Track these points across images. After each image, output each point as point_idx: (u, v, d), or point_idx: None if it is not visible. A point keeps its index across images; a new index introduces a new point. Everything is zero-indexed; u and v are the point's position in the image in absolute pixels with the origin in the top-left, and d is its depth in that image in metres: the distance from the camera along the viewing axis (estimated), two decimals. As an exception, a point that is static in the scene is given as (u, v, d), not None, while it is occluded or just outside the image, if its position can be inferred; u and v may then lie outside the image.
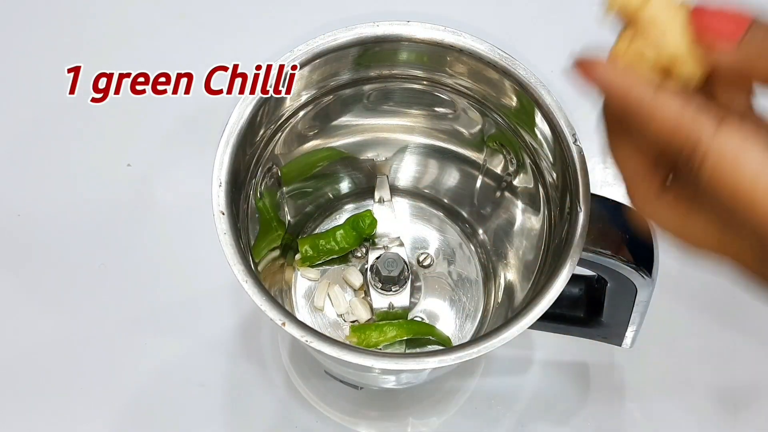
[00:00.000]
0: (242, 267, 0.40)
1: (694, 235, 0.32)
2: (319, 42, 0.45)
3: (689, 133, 0.28)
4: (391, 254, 0.54)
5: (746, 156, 0.28)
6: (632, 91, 0.30)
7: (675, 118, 0.29)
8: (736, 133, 0.28)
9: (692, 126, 0.28)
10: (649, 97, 0.29)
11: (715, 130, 0.28)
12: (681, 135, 0.29)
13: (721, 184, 0.28)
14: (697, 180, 0.29)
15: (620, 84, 0.30)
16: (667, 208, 0.32)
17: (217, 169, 0.42)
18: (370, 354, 0.39)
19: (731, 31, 0.29)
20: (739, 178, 0.27)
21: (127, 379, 0.57)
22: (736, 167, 0.27)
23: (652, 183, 0.33)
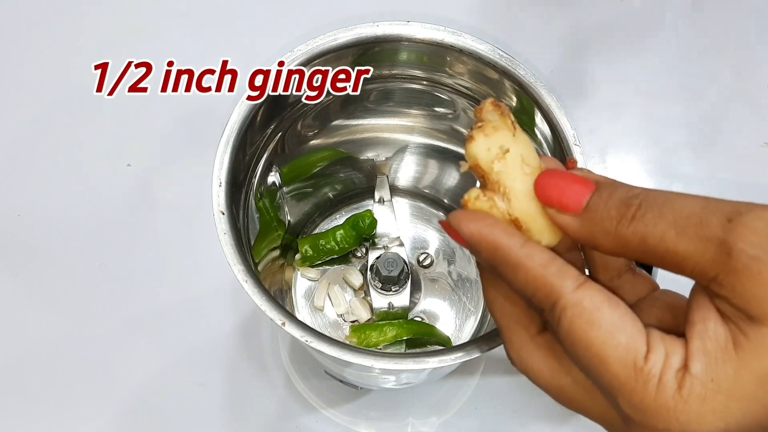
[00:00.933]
0: (242, 267, 0.40)
1: (565, 388, 0.31)
2: (319, 42, 0.45)
3: (552, 287, 0.28)
4: (391, 254, 0.54)
5: (600, 315, 0.28)
6: (500, 240, 0.29)
7: (539, 272, 0.29)
8: (595, 295, 0.28)
9: (555, 281, 0.28)
10: (517, 247, 0.29)
11: (575, 288, 0.28)
12: (545, 289, 0.28)
13: (576, 340, 0.28)
14: (556, 334, 0.29)
15: (488, 234, 0.29)
16: (540, 356, 0.31)
17: (217, 169, 0.42)
18: (370, 354, 0.39)
19: (573, 203, 0.29)
20: (592, 336, 0.27)
21: (128, 379, 0.57)
22: (590, 325, 0.28)
23: (527, 328, 0.32)
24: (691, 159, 0.64)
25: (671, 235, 0.27)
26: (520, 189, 0.30)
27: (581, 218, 0.29)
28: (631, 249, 0.28)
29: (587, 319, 0.28)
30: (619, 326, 0.28)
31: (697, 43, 0.68)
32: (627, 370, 0.27)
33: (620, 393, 0.27)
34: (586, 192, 0.29)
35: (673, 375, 0.27)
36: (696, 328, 0.28)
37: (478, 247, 0.30)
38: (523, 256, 0.29)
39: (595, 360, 0.28)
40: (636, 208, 0.28)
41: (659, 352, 0.27)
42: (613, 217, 0.28)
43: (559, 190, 0.30)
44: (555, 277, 0.28)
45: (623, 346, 0.27)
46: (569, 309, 0.28)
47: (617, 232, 0.28)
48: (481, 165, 0.31)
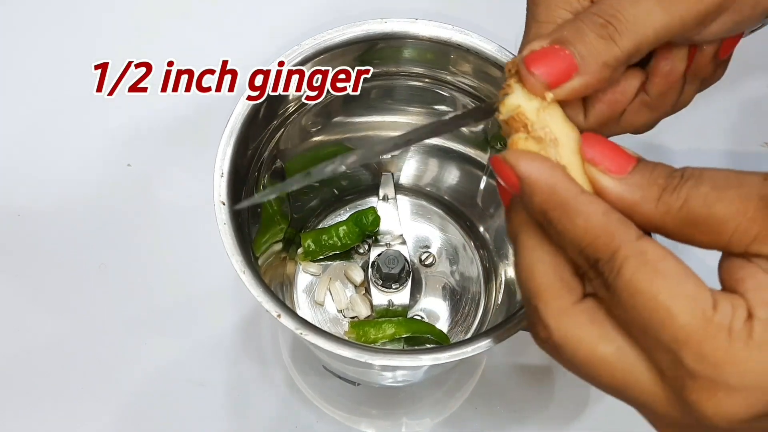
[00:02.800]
0: (240, 258, 0.40)
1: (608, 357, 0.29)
2: (327, 37, 0.45)
3: (613, 235, 0.28)
4: (393, 252, 0.54)
5: (666, 265, 0.27)
6: (559, 186, 0.28)
7: (599, 220, 0.28)
8: (658, 246, 0.28)
9: (616, 229, 0.28)
10: (575, 195, 0.28)
11: (638, 237, 0.28)
12: (605, 236, 0.28)
13: (639, 291, 0.27)
14: (612, 289, 0.28)
15: (547, 178, 0.28)
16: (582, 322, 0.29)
17: (220, 160, 0.43)
18: (365, 349, 0.39)
19: (617, 167, 0.29)
20: (659, 285, 0.27)
21: (128, 379, 0.57)
22: (656, 274, 0.27)
23: (569, 294, 0.30)
24: (691, 159, 0.64)
25: (713, 197, 0.27)
26: (566, 140, 0.30)
27: (626, 182, 0.29)
28: (671, 217, 0.28)
29: (652, 268, 0.27)
30: (686, 276, 0.27)
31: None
32: (696, 320, 0.26)
33: (688, 346, 0.26)
34: (631, 161, 0.29)
35: (742, 324, 0.26)
36: (747, 284, 0.27)
37: (534, 189, 0.28)
38: (585, 201, 0.28)
39: (661, 311, 0.27)
40: (679, 179, 0.28)
41: (726, 304, 0.27)
42: (660, 185, 0.28)
43: (605, 152, 0.29)
44: (617, 225, 0.28)
45: (691, 296, 0.27)
46: (632, 257, 0.27)
47: (661, 199, 0.28)
48: (525, 113, 0.30)
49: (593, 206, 0.28)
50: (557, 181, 0.28)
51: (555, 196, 0.28)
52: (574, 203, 0.28)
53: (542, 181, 0.28)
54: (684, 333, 0.26)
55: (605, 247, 0.28)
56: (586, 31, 0.30)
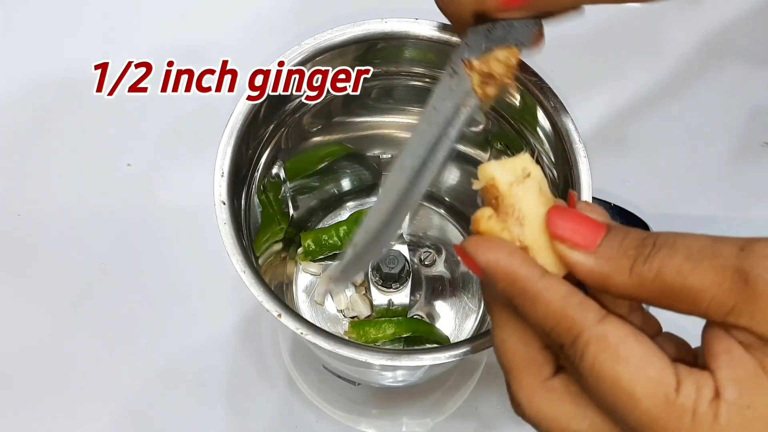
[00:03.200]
0: (241, 257, 0.40)
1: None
2: (327, 36, 0.45)
3: (573, 321, 0.28)
4: (393, 251, 0.54)
5: (627, 349, 0.27)
6: (518, 274, 0.28)
7: (560, 304, 0.28)
8: (619, 327, 0.28)
9: (576, 314, 0.28)
10: (536, 280, 0.28)
11: (598, 320, 0.28)
12: (566, 322, 0.28)
13: (601, 376, 0.27)
14: (578, 372, 0.28)
15: (505, 266, 0.28)
16: (554, 400, 0.30)
17: (220, 159, 0.42)
18: (364, 349, 0.39)
19: (585, 240, 0.29)
20: (620, 371, 0.27)
21: (127, 379, 0.57)
22: (617, 359, 0.27)
23: (540, 371, 0.30)
24: (691, 158, 0.64)
25: (687, 268, 0.27)
26: (535, 217, 0.30)
27: (596, 256, 0.28)
28: (645, 288, 0.28)
29: (613, 354, 0.27)
30: (647, 359, 0.27)
31: (697, 44, 0.68)
32: (658, 404, 0.26)
33: (652, 430, 0.27)
34: (600, 232, 0.29)
35: (707, 405, 0.26)
36: (721, 359, 0.27)
37: (496, 278, 0.29)
38: (543, 288, 0.28)
39: (623, 396, 0.27)
40: (651, 247, 0.28)
41: (690, 384, 0.27)
42: (631, 256, 0.28)
43: (572, 226, 0.29)
44: (576, 310, 0.28)
45: (653, 380, 0.27)
46: (593, 343, 0.27)
47: (633, 270, 0.28)
48: (498, 186, 0.30)
49: (553, 291, 0.28)
50: (516, 269, 0.28)
51: (515, 283, 0.28)
52: (534, 290, 0.28)
53: (501, 269, 0.29)
54: (648, 417, 0.27)
55: (567, 332, 0.28)
56: None
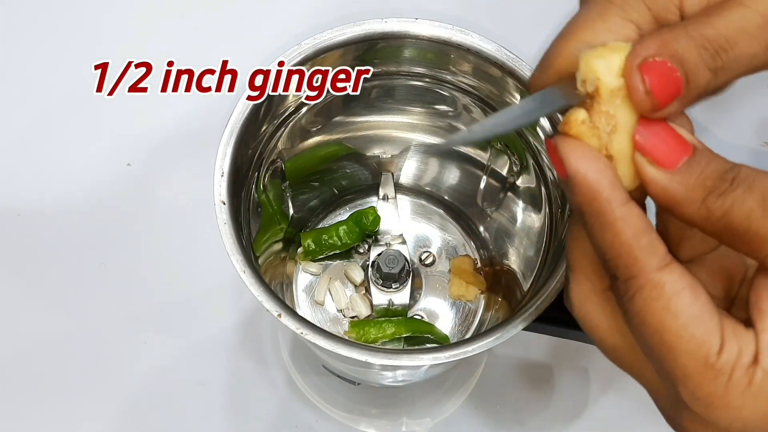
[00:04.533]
0: (241, 257, 0.40)
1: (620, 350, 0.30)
2: (327, 36, 0.45)
3: (635, 260, 0.27)
4: (393, 251, 0.54)
5: (680, 303, 0.27)
6: (601, 193, 0.27)
7: (629, 239, 0.27)
8: (678, 280, 0.27)
9: (640, 255, 0.27)
10: (614, 207, 0.27)
11: (659, 267, 0.27)
12: (627, 258, 0.27)
13: (646, 323, 0.27)
14: (624, 308, 0.28)
15: (591, 181, 0.27)
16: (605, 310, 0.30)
17: (220, 159, 0.43)
18: (365, 348, 0.40)
19: (667, 159, 0.28)
20: (667, 323, 0.27)
21: (128, 379, 0.57)
22: (666, 311, 0.27)
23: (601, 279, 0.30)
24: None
25: (757, 214, 0.26)
26: (626, 125, 0.28)
27: (672, 177, 0.27)
28: (711, 222, 0.27)
29: (664, 305, 0.27)
30: (696, 318, 0.27)
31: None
32: (697, 363, 0.26)
33: (684, 384, 0.27)
34: (684, 153, 0.27)
35: (743, 371, 0.26)
36: (766, 319, 0.27)
37: (578, 189, 0.28)
38: (619, 217, 0.27)
39: (663, 347, 0.27)
40: (729, 183, 0.27)
41: (732, 347, 0.27)
42: (707, 187, 0.27)
43: (658, 140, 0.28)
44: (642, 251, 0.27)
45: (697, 340, 0.27)
46: (647, 289, 0.27)
47: (705, 202, 0.27)
48: (600, 86, 0.28)
49: (626, 224, 0.27)
50: (601, 188, 0.27)
51: (594, 202, 0.27)
52: (610, 216, 0.27)
53: (586, 183, 0.27)
54: (683, 372, 0.27)
55: (625, 269, 0.27)
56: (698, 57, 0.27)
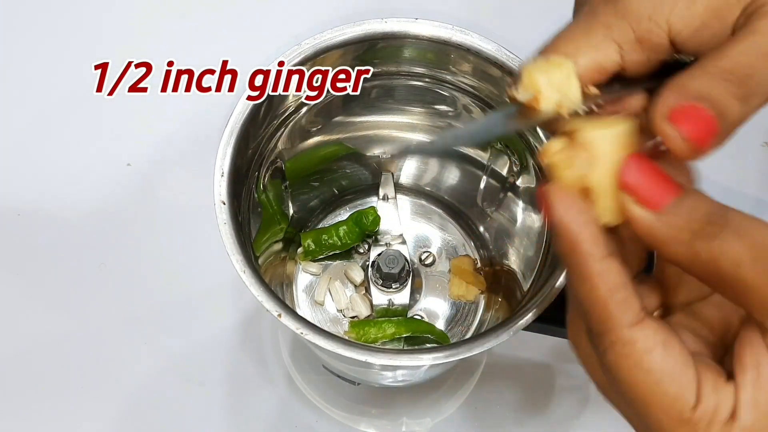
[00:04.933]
0: (241, 257, 0.40)
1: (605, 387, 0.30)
2: (327, 36, 0.45)
3: (609, 315, 0.27)
4: (393, 251, 0.54)
5: (651, 361, 0.27)
6: (582, 245, 0.28)
7: (604, 294, 0.27)
8: (651, 336, 0.27)
9: (614, 310, 0.27)
10: (594, 260, 0.28)
11: (632, 324, 0.27)
12: (601, 313, 0.27)
13: (620, 378, 0.27)
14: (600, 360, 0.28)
15: (577, 231, 0.28)
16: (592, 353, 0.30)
17: (220, 159, 0.43)
18: (364, 349, 0.40)
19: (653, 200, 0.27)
20: (639, 379, 0.27)
21: (128, 379, 0.57)
22: (639, 368, 0.27)
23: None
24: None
25: (746, 262, 0.26)
26: (608, 160, 0.28)
27: (659, 218, 0.27)
28: (697, 265, 0.27)
29: (636, 362, 0.27)
30: (669, 375, 0.27)
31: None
32: (671, 419, 0.27)
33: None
34: (672, 194, 0.27)
35: (719, 428, 0.26)
36: (748, 375, 0.27)
37: (560, 236, 0.28)
38: (596, 272, 0.27)
39: (637, 402, 0.27)
40: (718, 228, 0.26)
41: (709, 402, 0.27)
42: (695, 230, 0.27)
43: (647, 180, 0.28)
44: (616, 306, 0.27)
45: (671, 396, 0.27)
46: (618, 345, 0.27)
47: (692, 245, 0.27)
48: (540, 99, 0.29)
49: (601, 279, 0.27)
50: (581, 240, 0.28)
51: (573, 254, 0.28)
52: (587, 269, 0.28)
53: (568, 234, 0.28)
54: (658, 427, 0.27)
55: (598, 323, 0.28)
56: (724, 90, 0.27)
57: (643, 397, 0.27)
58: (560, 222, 0.28)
